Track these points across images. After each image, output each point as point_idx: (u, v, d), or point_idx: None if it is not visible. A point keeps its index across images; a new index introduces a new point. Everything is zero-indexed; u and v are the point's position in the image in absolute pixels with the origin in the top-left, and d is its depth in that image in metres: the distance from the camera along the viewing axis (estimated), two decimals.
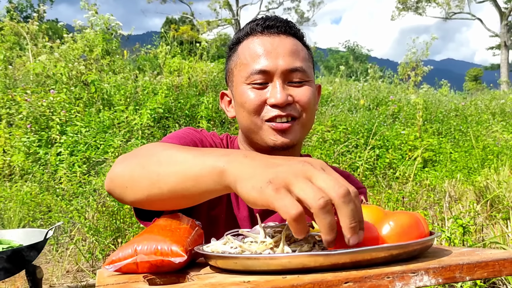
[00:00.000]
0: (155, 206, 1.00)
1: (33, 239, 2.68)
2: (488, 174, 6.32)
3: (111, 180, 1.03)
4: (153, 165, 0.94)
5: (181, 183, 0.88)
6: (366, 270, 0.70)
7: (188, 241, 0.88)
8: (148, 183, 0.93)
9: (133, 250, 0.84)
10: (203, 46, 12.00)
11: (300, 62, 1.26)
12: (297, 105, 1.25)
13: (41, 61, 8.32)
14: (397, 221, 0.81)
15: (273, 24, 1.28)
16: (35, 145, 6.48)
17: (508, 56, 31.65)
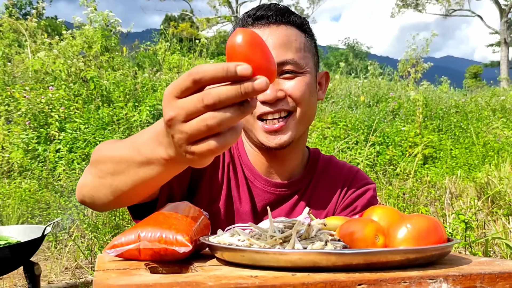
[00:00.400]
0: (124, 201, 1.00)
1: (31, 235, 2.66)
2: (489, 170, 6.29)
3: (79, 191, 1.04)
4: (102, 170, 0.93)
5: (137, 182, 0.86)
6: (381, 273, 0.67)
7: (193, 230, 0.85)
8: (110, 190, 0.93)
9: (137, 236, 0.82)
10: (203, 42, 11.97)
11: (292, 54, 1.20)
12: (290, 99, 1.20)
13: (40, 58, 8.29)
14: (414, 224, 0.78)
15: (263, 15, 1.22)
16: (34, 142, 6.45)
17: (508, 53, 31.62)
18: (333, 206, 1.33)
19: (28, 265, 2.65)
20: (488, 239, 2.99)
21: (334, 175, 1.37)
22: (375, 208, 0.91)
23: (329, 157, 1.43)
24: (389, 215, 0.86)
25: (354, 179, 1.37)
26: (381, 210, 0.88)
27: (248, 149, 1.35)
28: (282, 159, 1.31)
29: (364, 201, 1.33)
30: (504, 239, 2.66)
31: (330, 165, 1.40)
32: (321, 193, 1.35)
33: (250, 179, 1.32)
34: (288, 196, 1.32)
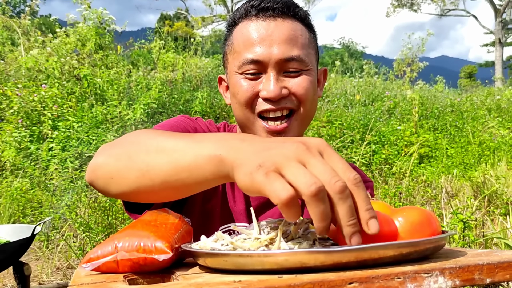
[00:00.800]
0: (142, 198, 0.91)
1: (21, 235, 2.61)
2: (485, 169, 6.28)
3: (92, 171, 0.93)
4: (141, 154, 0.85)
5: (174, 174, 0.80)
6: (373, 270, 0.62)
7: (174, 237, 0.80)
8: (137, 174, 0.85)
9: (113, 247, 0.76)
10: (198, 41, 11.92)
11: (297, 50, 1.15)
12: (293, 97, 1.16)
13: (33, 56, 8.21)
14: (407, 217, 0.73)
15: (269, 6, 1.15)
16: (26, 140, 6.38)
17: (503, 53, 31.74)
18: None
19: (17, 265, 2.60)
20: (487, 239, 2.95)
21: None
22: None
23: (351, 165, 1.38)
24: (379, 208, 0.81)
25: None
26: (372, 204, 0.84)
27: None
28: None
29: None
30: (503, 239, 2.62)
31: None
32: None
33: None
34: None
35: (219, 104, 8.54)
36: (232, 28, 1.23)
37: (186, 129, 1.23)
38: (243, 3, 1.23)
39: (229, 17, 1.26)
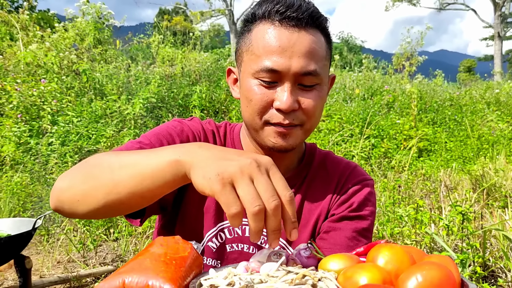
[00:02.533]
0: (111, 212, 0.98)
1: (22, 228, 2.61)
2: (484, 163, 6.29)
3: (57, 196, 1.00)
4: (105, 173, 0.94)
5: (139, 184, 0.90)
6: None
7: (183, 275, 0.80)
8: (105, 191, 0.93)
9: (121, 283, 0.76)
10: (196, 36, 11.89)
11: (315, 64, 1.14)
12: (302, 113, 1.16)
13: (32, 51, 8.19)
14: (426, 276, 0.71)
15: (294, 16, 1.13)
16: (26, 135, 6.38)
17: (502, 47, 31.69)
18: (328, 202, 1.29)
19: (19, 259, 2.61)
20: (486, 231, 2.97)
21: (330, 171, 1.34)
22: (381, 247, 0.83)
23: (326, 152, 1.39)
24: (397, 258, 0.79)
25: (351, 174, 1.33)
26: (388, 251, 0.81)
27: (245, 145, 1.32)
28: (280, 157, 1.27)
29: (361, 197, 1.29)
30: (502, 231, 2.63)
31: (327, 160, 1.36)
32: (317, 189, 1.31)
33: None
34: None
35: (218, 99, 8.54)
36: (251, 25, 1.21)
37: (169, 133, 1.24)
38: (266, 1, 1.19)
39: (250, 12, 1.23)
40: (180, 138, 1.25)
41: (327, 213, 1.29)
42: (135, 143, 1.19)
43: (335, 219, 1.27)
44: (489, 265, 3.09)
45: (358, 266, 0.79)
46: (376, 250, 0.83)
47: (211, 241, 1.28)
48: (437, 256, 0.83)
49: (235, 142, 1.33)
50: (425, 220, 3.42)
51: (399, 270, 0.76)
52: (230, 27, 31.71)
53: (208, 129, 1.32)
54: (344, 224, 1.26)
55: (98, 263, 3.87)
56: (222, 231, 1.28)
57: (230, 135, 1.35)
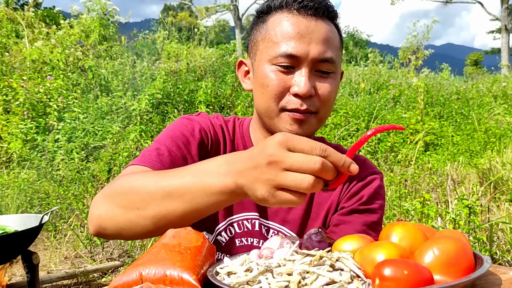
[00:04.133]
0: (160, 233, 0.97)
1: (29, 224, 2.63)
2: (491, 156, 6.26)
3: (98, 225, 1.01)
4: (149, 203, 0.94)
5: (191, 212, 0.91)
6: None
7: (199, 264, 0.80)
8: (152, 221, 0.94)
9: (138, 275, 0.76)
10: (201, 31, 11.89)
11: (331, 52, 1.17)
12: (317, 99, 1.17)
13: (38, 47, 8.21)
14: (442, 249, 0.72)
15: (312, 5, 1.16)
16: (32, 132, 6.40)
17: (509, 40, 31.45)
18: (337, 195, 1.29)
19: (26, 255, 2.62)
20: (492, 224, 2.95)
21: None
22: (394, 225, 0.84)
23: (335, 145, 1.38)
24: (410, 235, 0.80)
25: (360, 167, 1.31)
26: (401, 229, 0.81)
27: (255, 138, 1.32)
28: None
29: (371, 190, 1.28)
30: (509, 224, 2.62)
31: None
32: None
33: None
34: None
35: (223, 94, 8.53)
36: (266, 16, 1.23)
37: (184, 135, 1.24)
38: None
39: (263, 4, 1.25)
40: (193, 137, 1.25)
41: (337, 206, 1.29)
42: (153, 153, 1.18)
43: (345, 212, 1.27)
44: (496, 258, 3.08)
45: (374, 245, 0.79)
46: (389, 228, 0.84)
47: (220, 235, 1.28)
48: (448, 231, 0.83)
49: (244, 136, 1.33)
50: (431, 214, 3.40)
51: (413, 246, 0.77)
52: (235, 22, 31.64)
53: (217, 124, 1.32)
54: (354, 218, 1.26)
55: (105, 258, 3.89)
56: (232, 225, 1.28)
57: (239, 129, 1.35)
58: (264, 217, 1.28)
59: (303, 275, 0.71)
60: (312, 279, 0.70)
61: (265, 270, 0.74)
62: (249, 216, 1.27)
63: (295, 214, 1.28)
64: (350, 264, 0.74)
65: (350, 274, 0.72)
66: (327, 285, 0.69)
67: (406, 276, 0.65)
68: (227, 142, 1.31)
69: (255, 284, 0.72)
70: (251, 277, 0.73)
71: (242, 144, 1.32)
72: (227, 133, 1.33)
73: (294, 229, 1.27)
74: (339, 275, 0.70)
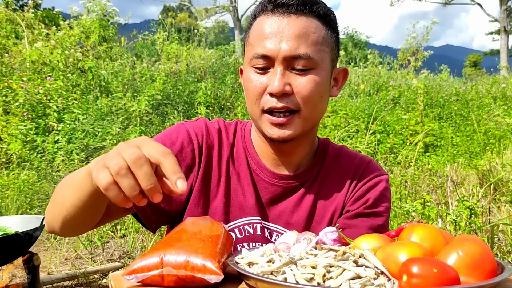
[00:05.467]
0: (77, 228, 1.15)
1: (30, 225, 2.63)
2: (491, 158, 6.26)
3: (45, 221, 1.18)
4: (57, 192, 1.11)
5: (74, 196, 1.01)
6: None
7: (219, 252, 0.80)
8: (59, 208, 1.08)
9: (159, 260, 0.75)
10: (201, 32, 11.90)
11: (306, 47, 1.13)
12: (296, 97, 1.15)
13: (37, 48, 8.21)
14: (467, 251, 0.73)
15: (284, 3, 1.15)
16: (32, 133, 6.40)
17: (508, 41, 31.49)
18: (343, 198, 1.28)
19: (27, 256, 2.62)
20: (493, 225, 2.96)
21: (344, 166, 1.32)
22: (415, 227, 0.84)
23: (340, 146, 1.37)
24: (431, 236, 0.80)
25: (365, 169, 1.31)
26: (422, 230, 0.82)
27: (256, 141, 1.31)
28: (289, 152, 1.27)
29: (376, 193, 1.27)
30: (510, 225, 2.62)
31: (341, 155, 1.34)
32: (331, 184, 1.30)
33: (255, 172, 1.28)
34: (296, 188, 1.28)
35: (223, 95, 8.54)
36: (252, 22, 1.24)
37: (164, 144, 1.23)
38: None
39: (252, 11, 1.27)
40: (171, 149, 1.21)
41: (342, 209, 1.28)
42: None
43: (350, 216, 1.26)
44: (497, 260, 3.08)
45: (396, 243, 0.79)
46: (410, 229, 0.84)
47: None
48: (468, 235, 0.84)
49: (245, 139, 1.32)
50: (432, 215, 3.41)
51: (434, 247, 0.77)
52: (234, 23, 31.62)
53: (214, 128, 1.31)
54: (359, 221, 1.25)
55: (106, 259, 3.89)
56: (232, 231, 1.27)
57: (240, 132, 1.34)
58: (266, 221, 1.28)
59: (327, 268, 0.71)
60: (337, 273, 0.70)
61: (289, 262, 0.74)
62: (251, 220, 1.27)
63: (299, 217, 1.27)
64: (375, 261, 0.75)
65: (374, 270, 0.72)
66: (352, 279, 0.69)
67: (435, 274, 0.66)
68: (224, 146, 1.30)
69: (279, 275, 0.72)
70: (276, 268, 0.73)
71: (242, 147, 1.31)
72: (225, 137, 1.31)
73: (298, 231, 1.26)
74: (364, 271, 0.71)
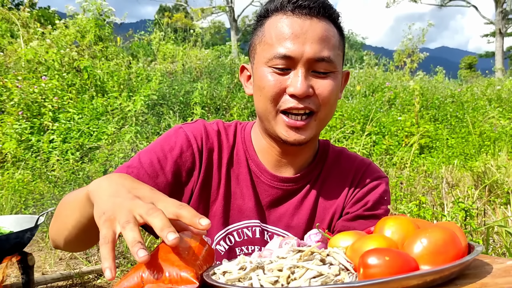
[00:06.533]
0: (79, 245, 1.16)
1: (24, 225, 2.62)
2: (486, 159, 6.28)
3: (50, 236, 1.20)
4: (58, 211, 1.12)
5: (75, 217, 1.02)
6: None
7: (198, 264, 0.81)
8: (62, 227, 1.10)
9: (139, 278, 0.77)
10: (197, 32, 11.89)
11: (328, 51, 1.14)
12: (317, 99, 1.15)
13: (33, 47, 8.18)
14: (430, 238, 0.71)
15: (306, 5, 1.14)
16: (27, 132, 6.38)
17: (503, 44, 31.62)
18: (342, 200, 1.28)
19: (21, 256, 2.61)
20: (489, 227, 2.96)
21: (345, 168, 1.32)
22: (387, 220, 0.83)
23: (340, 148, 1.37)
24: (403, 228, 0.79)
25: (366, 172, 1.31)
26: (393, 222, 0.81)
27: (257, 142, 1.30)
28: (295, 154, 1.26)
29: (376, 195, 1.28)
30: (505, 227, 2.63)
31: (341, 157, 1.34)
32: (331, 186, 1.30)
33: (256, 174, 1.28)
34: (296, 190, 1.28)
35: (219, 96, 8.53)
36: (264, 20, 1.22)
37: (162, 150, 1.24)
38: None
39: (261, 8, 1.25)
40: (171, 153, 1.24)
41: (341, 211, 1.28)
42: (124, 169, 1.21)
43: (350, 218, 1.26)
44: None
45: (364, 238, 0.79)
46: (382, 222, 0.84)
47: (219, 244, 1.27)
48: (443, 222, 0.83)
49: (246, 141, 1.31)
50: (427, 216, 3.41)
51: (406, 239, 0.76)
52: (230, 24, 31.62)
53: (212, 130, 1.30)
54: (358, 224, 1.25)
55: (100, 260, 3.87)
56: (231, 234, 1.27)
57: (241, 134, 1.33)
58: (266, 223, 1.27)
59: (292, 269, 0.72)
60: (300, 273, 0.70)
61: (256, 267, 0.75)
62: (250, 223, 1.26)
63: (300, 219, 1.27)
64: (340, 258, 0.75)
65: (339, 267, 0.72)
66: (314, 278, 0.69)
67: (388, 262, 0.65)
68: (224, 149, 1.29)
69: (246, 281, 0.73)
70: (243, 274, 0.75)
71: (243, 149, 1.30)
72: (225, 139, 1.31)
73: (298, 234, 1.26)
74: (328, 268, 0.71)
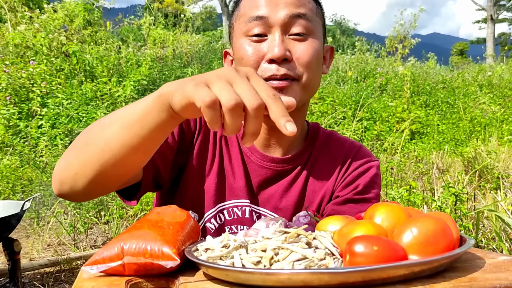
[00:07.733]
0: (110, 179, 0.92)
1: (10, 211, 2.58)
2: (476, 145, 6.30)
3: (58, 180, 0.95)
4: (96, 135, 0.89)
5: (129, 133, 0.83)
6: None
7: (180, 239, 0.79)
8: (98, 153, 0.87)
9: (120, 249, 0.75)
10: (188, 17, 11.78)
11: (305, 10, 1.11)
12: (296, 64, 1.11)
13: (20, 32, 8.07)
14: (420, 228, 0.69)
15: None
16: (15, 118, 6.31)
17: (494, 30, 31.67)
18: (332, 183, 1.25)
19: (7, 242, 2.58)
20: (478, 212, 2.96)
21: (335, 151, 1.29)
22: (378, 206, 0.81)
23: (330, 131, 1.35)
24: (394, 215, 0.77)
25: (356, 155, 1.29)
26: (384, 209, 0.79)
27: None
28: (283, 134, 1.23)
29: (366, 179, 1.25)
30: (495, 211, 2.63)
31: (331, 139, 1.32)
32: (321, 168, 1.27)
33: (246, 154, 1.25)
34: (286, 172, 1.25)
35: None
36: (239, 1, 1.21)
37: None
38: None
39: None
40: (185, 123, 1.22)
41: (331, 195, 1.26)
42: None
43: (340, 202, 1.23)
44: (482, 246, 3.09)
45: (353, 223, 0.77)
46: (373, 209, 0.82)
47: (209, 222, 1.25)
48: (434, 212, 0.81)
49: None
50: (417, 201, 3.41)
51: (396, 226, 0.75)
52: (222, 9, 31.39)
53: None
54: (348, 207, 1.22)
55: (89, 246, 3.84)
56: (221, 212, 1.25)
57: None
58: (255, 204, 1.25)
59: (276, 251, 0.70)
60: (284, 255, 0.68)
61: (239, 246, 0.73)
62: (240, 203, 1.24)
63: (288, 202, 1.24)
64: (326, 242, 0.73)
65: (324, 251, 0.70)
66: (298, 261, 0.67)
67: (376, 252, 0.63)
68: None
69: (228, 259, 0.71)
70: (225, 252, 0.73)
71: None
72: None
73: (287, 216, 1.24)
74: (313, 252, 0.69)
